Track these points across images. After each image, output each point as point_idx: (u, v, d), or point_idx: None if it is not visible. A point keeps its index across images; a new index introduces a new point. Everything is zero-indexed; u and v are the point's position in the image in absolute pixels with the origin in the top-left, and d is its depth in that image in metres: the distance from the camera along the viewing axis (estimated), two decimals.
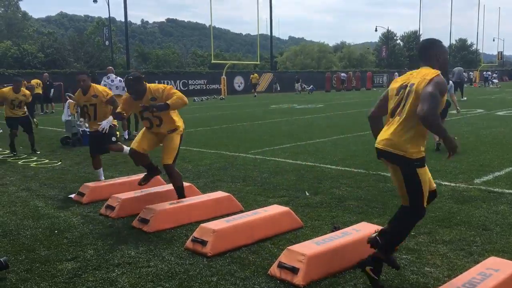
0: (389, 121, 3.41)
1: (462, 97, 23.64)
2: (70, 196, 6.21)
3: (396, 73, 41.82)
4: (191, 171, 7.67)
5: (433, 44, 3.43)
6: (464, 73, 28.13)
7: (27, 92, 9.79)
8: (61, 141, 11.09)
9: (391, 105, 3.41)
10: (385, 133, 3.37)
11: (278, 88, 41.56)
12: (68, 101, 11.50)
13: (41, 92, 20.82)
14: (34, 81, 21.34)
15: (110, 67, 13.05)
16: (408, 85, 3.30)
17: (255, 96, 35.19)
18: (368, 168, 7.43)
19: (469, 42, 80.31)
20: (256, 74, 39.28)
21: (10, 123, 9.57)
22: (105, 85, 11.51)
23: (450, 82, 10.75)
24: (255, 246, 4.28)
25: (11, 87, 9.49)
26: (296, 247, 3.69)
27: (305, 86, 40.67)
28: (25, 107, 9.68)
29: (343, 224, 4.65)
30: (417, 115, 3.09)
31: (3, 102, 9.40)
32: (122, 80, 11.64)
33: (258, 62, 45.82)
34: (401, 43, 78.67)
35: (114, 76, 11.90)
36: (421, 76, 3.24)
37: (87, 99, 6.47)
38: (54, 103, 22.53)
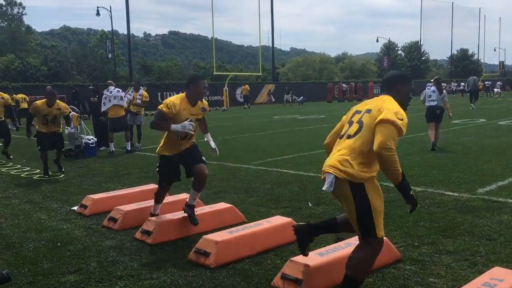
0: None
1: (473, 105, 24.34)
2: (73, 208, 6.21)
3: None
4: None
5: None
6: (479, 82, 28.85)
7: (63, 105, 9.00)
8: (64, 154, 11.10)
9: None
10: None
11: (273, 99, 41.55)
12: (71, 113, 11.54)
13: (27, 106, 20.57)
14: (20, 96, 21.32)
15: (110, 81, 13.30)
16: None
17: (245, 108, 34.25)
18: None
19: (470, 52, 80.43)
20: (247, 86, 37.77)
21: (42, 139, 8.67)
22: (105, 97, 11.69)
23: (444, 91, 10.78)
24: (258, 257, 4.27)
25: (44, 100, 8.69)
26: (299, 258, 3.68)
27: (296, 98, 40.51)
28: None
29: (346, 235, 4.63)
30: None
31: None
32: (120, 90, 11.96)
33: (260, 74, 45.98)
34: (403, 54, 78.89)
35: (113, 88, 12.01)
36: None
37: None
38: None
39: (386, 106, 3.11)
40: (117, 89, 12.00)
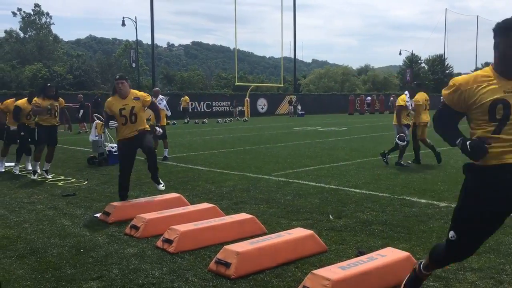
0: None
1: None
2: (96, 215, 6.30)
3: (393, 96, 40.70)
4: (215, 192, 7.70)
5: None
6: None
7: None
8: (87, 161, 11.30)
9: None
10: None
11: (292, 111, 41.12)
12: (95, 121, 11.74)
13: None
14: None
15: (158, 89, 13.75)
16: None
17: (186, 122, 31.09)
18: (393, 192, 7.34)
19: None
20: (186, 97, 33.68)
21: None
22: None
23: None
24: (279, 269, 4.25)
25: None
26: (320, 271, 3.66)
27: (299, 109, 40.14)
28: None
29: (368, 249, 4.59)
30: None
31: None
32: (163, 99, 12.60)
33: (282, 85, 46.11)
34: (426, 67, 78.15)
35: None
36: None
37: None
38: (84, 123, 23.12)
39: None
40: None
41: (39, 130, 9.36)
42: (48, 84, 9.66)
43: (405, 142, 10.05)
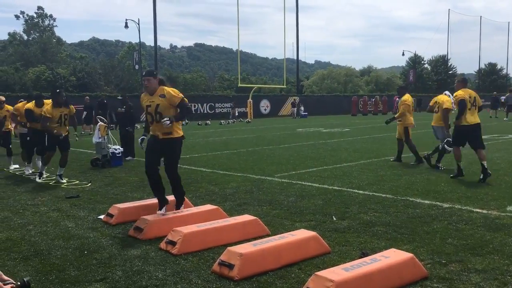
0: None
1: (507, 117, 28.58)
2: (99, 217, 6.31)
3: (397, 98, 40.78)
4: (218, 194, 7.71)
5: None
6: None
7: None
8: (91, 163, 11.32)
9: None
10: None
11: (295, 112, 41.15)
12: (99, 123, 11.77)
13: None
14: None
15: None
16: None
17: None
18: (396, 193, 7.33)
19: (499, 67, 79.02)
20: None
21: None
22: None
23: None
24: (282, 271, 4.25)
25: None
26: (324, 273, 3.65)
27: (301, 110, 40.07)
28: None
29: (371, 250, 4.59)
30: None
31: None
32: None
33: (285, 86, 46.13)
34: (429, 67, 77.96)
35: None
36: None
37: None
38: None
39: None
40: None
41: (49, 137, 9.38)
42: (57, 90, 9.54)
43: (452, 148, 9.31)
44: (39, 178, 9.36)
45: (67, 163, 9.56)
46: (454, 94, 9.13)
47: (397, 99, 42.97)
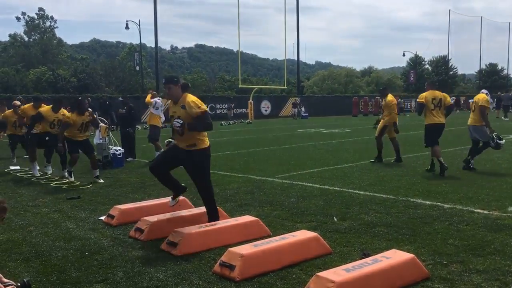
0: None
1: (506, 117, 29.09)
2: (100, 218, 6.31)
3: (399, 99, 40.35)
4: (219, 194, 7.69)
5: None
6: None
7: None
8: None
9: None
10: None
11: (296, 112, 41.06)
12: (100, 124, 11.76)
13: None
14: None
15: (155, 92, 14.06)
16: None
17: None
18: (397, 194, 7.32)
19: (499, 67, 78.94)
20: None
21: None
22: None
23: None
24: (283, 271, 4.25)
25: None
26: (325, 274, 3.65)
27: (302, 111, 39.98)
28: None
29: (372, 251, 4.58)
30: None
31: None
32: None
33: (285, 87, 46.12)
34: (430, 68, 77.91)
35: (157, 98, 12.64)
36: None
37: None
38: None
39: None
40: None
41: (69, 143, 9.28)
42: (80, 98, 9.49)
43: (503, 140, 9.59)
44: (71, 177, 9.32)
45: (97, 164, 9.65)
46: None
47: (401, 100, 43.01)
